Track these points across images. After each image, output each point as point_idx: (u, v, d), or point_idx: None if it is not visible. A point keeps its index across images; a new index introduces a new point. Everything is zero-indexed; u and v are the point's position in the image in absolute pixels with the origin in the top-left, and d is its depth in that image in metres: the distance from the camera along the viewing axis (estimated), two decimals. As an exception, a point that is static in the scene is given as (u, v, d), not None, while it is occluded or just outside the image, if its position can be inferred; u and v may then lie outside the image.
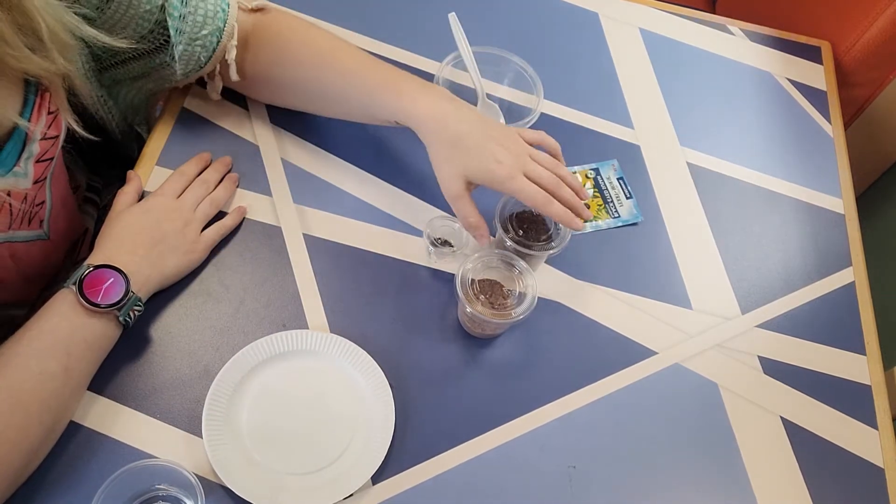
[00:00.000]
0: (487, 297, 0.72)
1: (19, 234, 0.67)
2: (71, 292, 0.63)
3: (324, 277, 0.76)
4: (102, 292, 0.64)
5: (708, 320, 0.81)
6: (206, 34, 0.74)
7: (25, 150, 0.62)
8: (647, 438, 0.73)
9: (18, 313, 0.75)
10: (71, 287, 0.63)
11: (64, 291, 0.64)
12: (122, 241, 0.69)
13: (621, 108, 0.97)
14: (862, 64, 1.11)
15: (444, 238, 0.79)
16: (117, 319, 0.65)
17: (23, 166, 0.63)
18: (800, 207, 0.92)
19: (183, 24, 0.72)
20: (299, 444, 0.67)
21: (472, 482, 0.68)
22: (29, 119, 0.62)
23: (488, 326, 0.73)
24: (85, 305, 0.63)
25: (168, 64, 0.75)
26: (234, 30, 0.75)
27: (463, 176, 0.71)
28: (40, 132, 0.63)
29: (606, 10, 1.07)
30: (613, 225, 0.86)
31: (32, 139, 0.63)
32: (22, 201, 0.65)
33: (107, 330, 0.65)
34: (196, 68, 0.77)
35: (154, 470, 0.60)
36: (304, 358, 0.71)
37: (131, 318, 0.66)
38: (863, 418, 0.77)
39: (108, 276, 0.64)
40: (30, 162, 0.64)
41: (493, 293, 0.72)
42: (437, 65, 0.86)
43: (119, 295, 0.64)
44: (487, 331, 0.74)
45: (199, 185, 0.77)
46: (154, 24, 0.71)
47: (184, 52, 0.74)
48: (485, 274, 0.73)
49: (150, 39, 0.72)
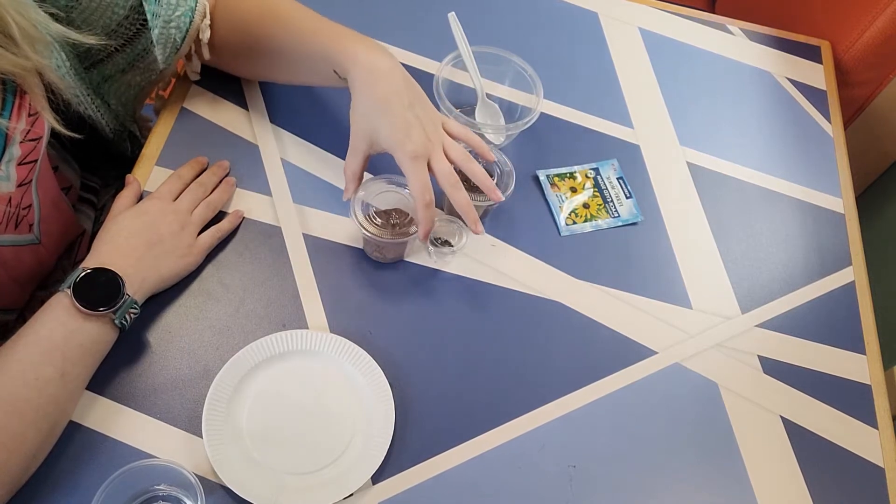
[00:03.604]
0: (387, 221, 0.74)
1: (5, 237, 0.66)
2: (66, 296, 0.63)
3: (324, 277, 0.76)
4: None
5: (708, 320, 0.81)
6: (180, 15, 0.75)
7: (6, 153, 0.62)
8: (648, 438, 0.73)
9: (9, 318, 0.75)
10: (66, 291, 0.63)
11: (59, 295, 0.63)
12: (118, 243, 0.68)
13: (621, 107, 0.97)
14: (862, 63, 1.11)
15: (444, 238, 0.79)
16: (113, 322, 0.65)
17: (4, 170, 0.62)
18: (800, 207, 0.92)
19: (158, 7, 0.73)
20: (299, 444, 0.67)
21: (472, 482, 0.68)
22: (8, 120, 0.61)
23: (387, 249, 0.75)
24: (80, 309, 0.62)
25: (149, 51, 0.76)
26: (205, 8, 0.77)
27: (370, 136, 0.71)
28: (21, 134, 0.63)
29: (606, 10, 1.07)
30: (613, 224, 0.86)
31: (13, 141, 0.62)
32: (6, 205, 0.65)
33: (103, 333, 0.65)
34: (173, 51, 0.77)
35: (154, 470, 0.60)
36: (304, 358, 0.71)
37: (127, 320, 0.65)
38: (863, 418, 0.77)
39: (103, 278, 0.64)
40: (11, 165, 0.63)
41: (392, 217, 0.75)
42: (437, 65, 0.86)
43: (114, 297, 0.64)
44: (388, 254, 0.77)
45: (196, 187, 0.77)
46: (129, 9, 0.72)
47: (160, 36, 0.75)
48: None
49: (126, 26, 0.73)
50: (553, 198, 0.86)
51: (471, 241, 0.78)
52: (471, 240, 0.77)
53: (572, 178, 0.88)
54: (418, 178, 0.69)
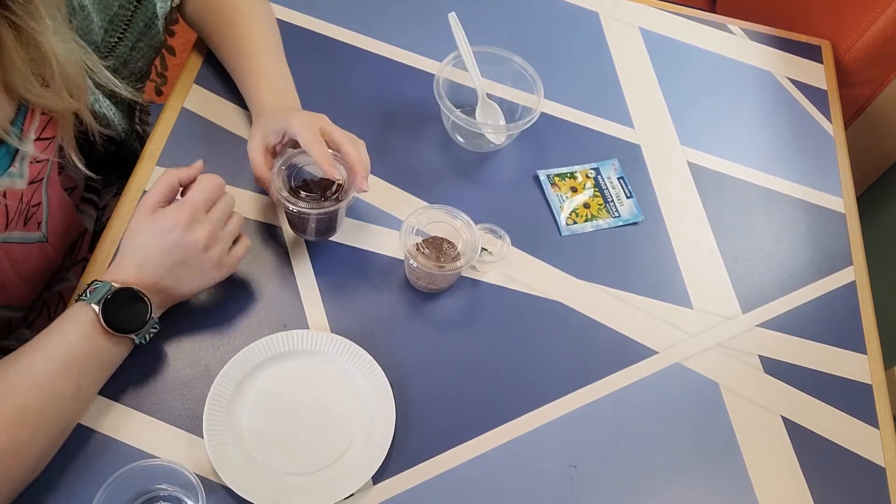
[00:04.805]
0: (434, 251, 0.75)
1: (14, 234, 0.67)
2: (92, 312, 0.61)
3: (324, 277, 0.77)
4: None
5: (708, 319, 0.81)
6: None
7: (20, 150, 0.63)
8: (648, 438, 0.73)
9: (16, 315, 0.75)
10: (92, 306, 0.61)
11: (84, 308, 0.61)
12: (144, 259, 0.65)
13: (622, 107, 0.97)
14: (862, 63, 1.11)
15: (484, 246, 0.79)
16: (133, 341, 0.65)
17: (18, 167, 0.63)
18: (800, 206, 0.92)
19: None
20: (300, 444, 0.67)
21: (472, 482, 0.68)
22: (23, 121, 0.62)
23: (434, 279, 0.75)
24: (107, 330, 0.61)
25: (150, 26, 0.82)
26: None
27: (264, 135, 0.75)
28: (35, 132, 0.63)
29: (607, 10, 1.07)
30: (614, 224, 0.86)
31: (27, 139, 0.63)
32: (18, 201, 0.65)
33: (122, 351, 0.65)
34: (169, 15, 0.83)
35: (155, 470, 0.60)
36: (304, 358, 0.71)
37: (147, 339, 0.66)
38: (864, 417, 0.77)
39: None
40: (25, 162, 0.64)
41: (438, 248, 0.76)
42: (437, 65, 0.86)
43: (141, 320, 0.63)
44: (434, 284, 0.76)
45: (229, 199, 0.70)
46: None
47: (161, 7, 0.81)
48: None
49: (121, 15, 0.77)
50: (553, 198, 0.86)
51: (470, 242, 0.78)
52: (470, 241, 0.77)
53: (573, 177, 0.88)
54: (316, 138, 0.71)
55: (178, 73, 0.88)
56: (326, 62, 0.92)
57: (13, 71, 0.56)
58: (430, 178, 0.86)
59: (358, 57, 0.94)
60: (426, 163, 0.87)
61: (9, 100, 0.60)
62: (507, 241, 0.78)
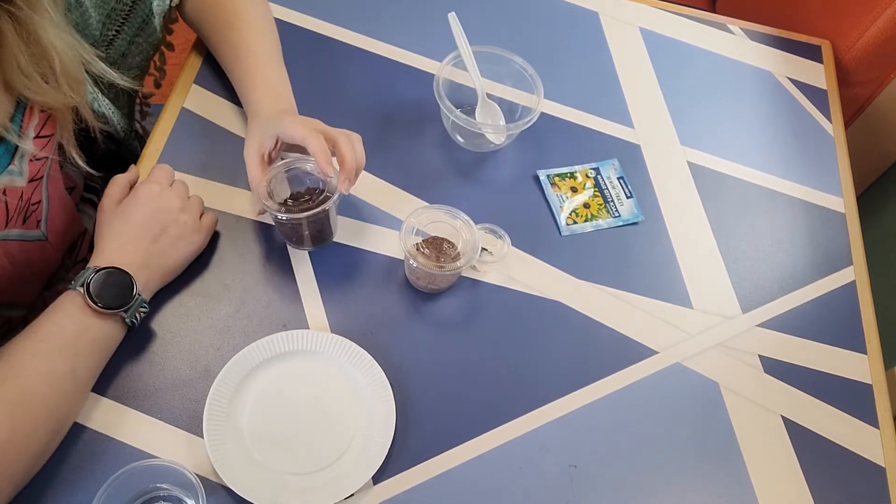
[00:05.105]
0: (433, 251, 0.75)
1: (13, 232, 0.67)
2: (79, 294, 0.63)
3: (324, 277, 0.77)
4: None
5: (708, 319, 0.81)
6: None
7: (20, 148, 0.63)
8: (648, 438, 0.73)
9: (16, 314, 0.75)
10: (78, 289, 0.63)
11: (70, 294, 0.64)
12: (123, 240, 0.68)
13: (621, 107, 0.97)
14: (862, 63, 1.11)
15: (484, 246, 0.79)
16: (123, 321, 0.65)
17: (17, 164, 0.63)
18: (800, 206, 0.92)
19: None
20: (300, 444, 0.67)
21: (472, 482, 0.68)
22: (22, 118, 0.62)
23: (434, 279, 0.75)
24: (93, 307, 0.63)
25: (147, 22, 0.82)
26: None
27: (260, 141, 0.75)
28: (34, 129, 0.64)
29: (607, 10, 1.07)
30: (614, 224, 0.86)
31: (26, 137, 0.63)
32: (18, 199, 0.65)
33: (113, 331, 0.65)
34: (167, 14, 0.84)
35: (155, 470, 0.60)
36: (304, 358, 0.71)
37: (137, 319, 0.66)
38: (864, 417, 0.77)
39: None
40: (24, 160, 0.64)
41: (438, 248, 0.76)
42: (437, 65, 0.86)
43: (126, 298, 0.65)
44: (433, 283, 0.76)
45: (180, 183, 0.76)
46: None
47: (158, 6, 0.82)
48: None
49: (119, 9, 0.78)
50: (553, 197, 0.86)
51: (469, 243, 0.78)
52: (469, 242, 0.77)
53: (573, 177, 0.88)
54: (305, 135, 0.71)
55: (178, 74, 0.88)
56: (326, 62, 0.93)
57: (13, 66, 0.57)
58: (429, 177, 0.86)
59: (357, 57, 0.94)
60: (426, 163, 0.87)
61: (8, 96, 0.61)
62: (507, 241, 0.78)
